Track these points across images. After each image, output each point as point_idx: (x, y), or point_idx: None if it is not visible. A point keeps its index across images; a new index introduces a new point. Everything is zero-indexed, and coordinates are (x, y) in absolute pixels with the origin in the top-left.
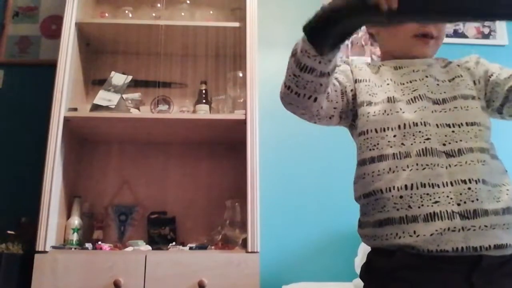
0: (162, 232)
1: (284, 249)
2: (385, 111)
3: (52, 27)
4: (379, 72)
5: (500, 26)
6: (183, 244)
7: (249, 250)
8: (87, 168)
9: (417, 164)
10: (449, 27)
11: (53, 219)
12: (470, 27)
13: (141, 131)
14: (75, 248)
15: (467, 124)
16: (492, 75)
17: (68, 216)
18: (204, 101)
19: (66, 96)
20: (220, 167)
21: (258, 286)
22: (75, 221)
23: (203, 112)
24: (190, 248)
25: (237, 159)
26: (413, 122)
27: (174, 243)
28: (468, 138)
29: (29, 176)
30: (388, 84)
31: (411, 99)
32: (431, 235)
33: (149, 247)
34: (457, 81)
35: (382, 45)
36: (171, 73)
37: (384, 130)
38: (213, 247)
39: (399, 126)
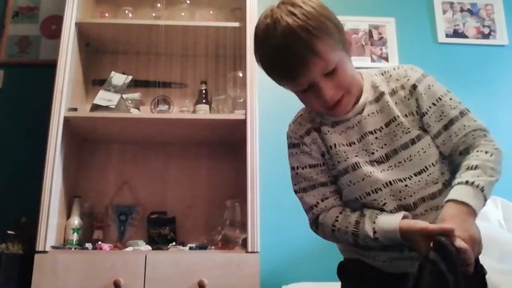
0: (162, 232)
1: (284, 249)
2: (343, 184)
3: (52, 27)
4: (321, 134)
5: (500, 26)
6: (183, 244)
7: (249, 250)
8: (87, 168)
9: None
10: (449, 27)
11: (53, 219)
12: (470, 27)
13: (141, 131)
14: (75, 248)
15: (415, 174)
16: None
17: (68, 216)
18: (204, 101)
19: (66, 96)
20: (220, 167)
21: (258, 286)
22: (75, 221)
23: (203, 112)
24: (190, 248)
25: (237, 159)
26: (366, 193)
27: (174, 243)
28: (419, 189)
29: (29, 176)
30: (334, 150)
31: (356, 165)
32: (384, 261)
33: (149, 247)
34: (393, 128)
35: None
36: (171, 73)
37: (348, 202)
38: (213, 247)
39: (356, 199)
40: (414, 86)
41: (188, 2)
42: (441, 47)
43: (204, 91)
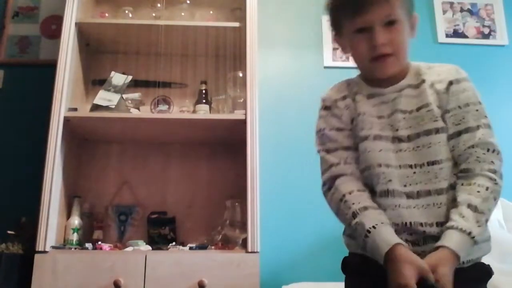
0: (162, 232)
1: (284, 249)
2: (361, 151)
3: (52, 27)
4: (355, 103)
5: (500, 26)
6: (183, 244)
7: (249, 250)
8: (87, 168)
9: (379, 205)
10: (449, 27)
11: (53, 219)
12: (470, 27)
13: (141, 131)
14: (75, 248)
15: (428, 164)
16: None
17: (68, 216)
18: (204, 101)
19: (66, 96)
20: (220, 167)
21: (258, 286)
22: (75, 221)
23: (203, 112)
24: (190, 248)
25: (237, 159)
26: (378, 164)
27: (174, 243)
28: (428, 180)
29: (29, 176)
30: (363, 118)
31: (378, 136)
32: None
33: (149, 247)
34: (423, 113)
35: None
36: (171, 73)
37: (362, 171)
38: (213, 247)
39: (366, 168)
40: (450, 83)
41: (188, 2)
42: (441, 47)
43: (204, 91)
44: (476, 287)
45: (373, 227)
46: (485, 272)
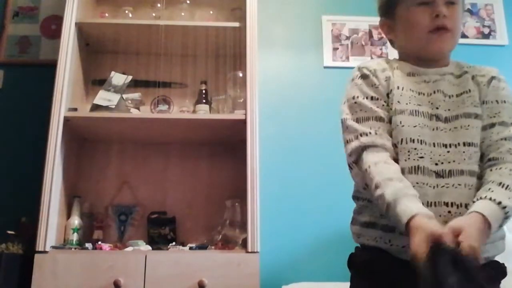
0: (162, 232)
1: (284, 249)
2: (394, 124)
3: (52, 27)
4: (394, 77)
5: (500, 26)
6: (183, 244)
7: (249, 250)
8: (87, 168)
9: (414, 181)
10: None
11: (53, 219)
12: (470, 27)
13: (141, 131)
14: (75, 248)
15: (464, 144)
16: (493, 123)
17: (68, 216)
18: (204, 101)
19: (66, 96)
20: (220, 167)
21: (258, 286)
22: (75, 221)
23: (203, 112)
24: (190, 248)
25: (237, 159)
26: (410, 139)
27: (174, 243)
28: (462, 160)
29: (29, 176)
30: (399, 92)
31: (414, 111)
32: (403, 247)
33: (149, 247)
34: (464, 98)
35: (400, 47)
36: (171, 73)
37: (394, 146)
38: (213, 247)
39: (398, 143)
40: (492, 78)
41: (188, 2)
42: None
43: (204, 91)
44: (490, 286)
45: (394, 199)
46: (500, 270)
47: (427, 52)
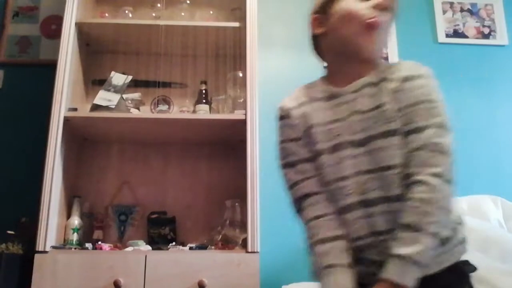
0: (162, 232)
1: (284, 249)
2: (321, 165)
3: (52, 27)
4: (310, 111)
5: (500, 26)
6: (183, 244)
7: (249, 250)
8: (87, 168)
9: (343, 220)
10: (449, 27)
11: (53, 219)
12: (470, 27)
13: (141, 131)
14: (75, 248)
15: (382, 169)
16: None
17: (68, 216)
18: (204, 101)
19: (66, 96)
20: (220, 167)
21: (258, 286)
22: (75, 221)
23: (203, 112)
24: (190, 248)
25: (237, 159)
26: (335, 179)
27: (174, 243)
28: (383, 186)
29: (29, 176)
30: (317, 129)
31: (333, 147)
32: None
33: (149, 247)
34: (377, 113)
35: (326, 50)
36: (171, 73)
37: (324, 185)
38: (213, 247)
39: (328, 182)
40: (404, 80)
41: (188, 2)
42: (441, 47)
43: (204, 91)
44: None
45: (325, 267)
46: (461, 273)
47: (357, 47)
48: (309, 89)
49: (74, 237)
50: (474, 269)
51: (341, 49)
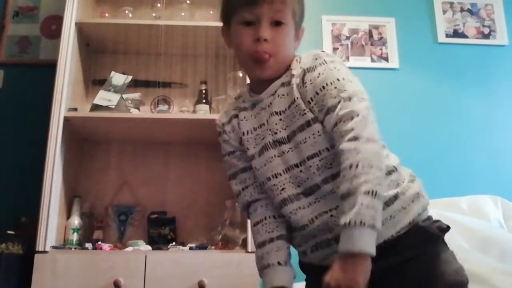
0: (162, 232)
1: None
2: (254, 169)
3: (52, 27)
4: (239, 121)
5: (500, 26)
6: (183, 244)
7: (249, 250)
8: (87, 168)
9: (284, 215)
10: (449, 27)
11: (53, 219)
12: (470, 27)
13: (141, 131)
14: (75, 248)
15: (308, 158)
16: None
17: (68, 216)
18: (204, 101)
19: (66, 96)
20: (220, 167)
21: (258, 286)
22: (75, 221)
23: (203, 112)
24: (190, 248)
25: None
26: (267, 178)
27: (174, 243)
28: (312, 174)
29: (29, 176)
30: (246, 137)
31: (261, 150)
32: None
33: (149, 247)
34: (293, 110)
35: (240, 66)
36: (171, 73)
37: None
38: (213, 247)
39: (262, 183)
40: (304, 73)
41: (188, 2)
42: (441, 47)
43: (204, 91)
44: (421, 253)
45: (263, 268)
46: (425, 232)
47: (251, 76)
48: (237, 100)
49: (74, 237)
50: (445, 227)
51: (245, 69)
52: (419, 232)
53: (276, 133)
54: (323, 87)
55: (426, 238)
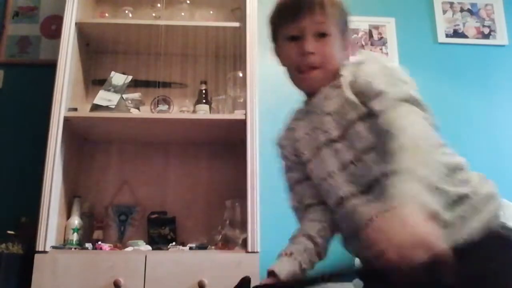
0: (162, 232)
1: None
2: (309, 173)
3: (52, 27)
4: (296, 132)
5: (500, 26)
6: (183, 244)
7: (249, 250)
8: (87, 168)
9: (339, 216)
10: (449, 27)
11: (53, 219)
12: (470, 27)
13: (141, 131)
14: (75, 248)
15: (362, 153)
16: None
17: (68, 216)
18: (204, 101)
19: (66, 96)
20: (220, 167)
21: None
22: (75, 221)
23: (203, 112)
24: (190, 248)
25: (237, 159)
26: (322, 178)
27: (174, 243)
28: (369, 169)
29: (29, 176)
30: (300, 144)
31: (315, 152)
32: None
33: (149, 247)
34: (345, 107)
35: None
36: (171, 73)
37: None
38: (213, 247)
39: (316, 185)
40: (356, 68)
41: (188, 2)
42: (441, 47)
43: (204, 91)
44: (485, 266)
45: (280, 254)
46: (501, 238)
47: (300, 89)
48: (296, 113)
49: (74, 237)
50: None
51: (295, 84)
52: (496, 239)
53: (328, 132)
54: (371, 76)
55: (504, 245)
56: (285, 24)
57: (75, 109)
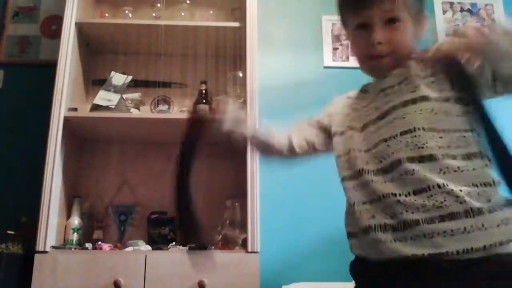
0: (162, 232)
1: (284, 249)
2: (341, 140)
3: (52, 27)
4: (351, 101)
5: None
6: (183, 244)
7: (249, 250)
8: (87, 168)
9: (357, 185)
10: (449, 27)
11: (53, 219)
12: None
13: (141, 131)
14: (75, 248)
15: (400, 134)
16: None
17: (68, 216)
18: (204, 101)
19: (66, 96)
20: (220, 167)
21: (258, 286)
22: (75, 221)
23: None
24: (190, 248)
25: (237, 159)
26: (357, 149)
27: (174, 243)
28: (399, 149)
29: (29, 176)
30: (350, 113)
31: (364, 125)
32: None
33: (149, 247)
34: (402, 86)
35: None
36: (171, 73)
37: (340, 156)
38: (213, 247)
39: (345, 152)
40: (427, 48)
41: (188, 2)
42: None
43: (204, 91)
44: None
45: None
46: (502, 264)
47: (370, 75)
48: (362, 85)
49: (74, 237)
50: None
51: (364, 71)
52: (496, 262)
53: (379, 108)
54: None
55: (503, 270)
56: (352, 13)
57: (75, 109)
